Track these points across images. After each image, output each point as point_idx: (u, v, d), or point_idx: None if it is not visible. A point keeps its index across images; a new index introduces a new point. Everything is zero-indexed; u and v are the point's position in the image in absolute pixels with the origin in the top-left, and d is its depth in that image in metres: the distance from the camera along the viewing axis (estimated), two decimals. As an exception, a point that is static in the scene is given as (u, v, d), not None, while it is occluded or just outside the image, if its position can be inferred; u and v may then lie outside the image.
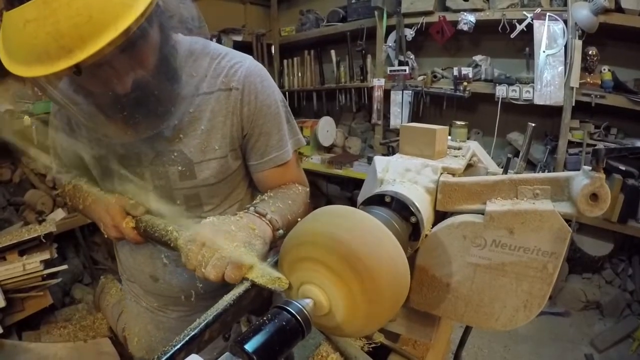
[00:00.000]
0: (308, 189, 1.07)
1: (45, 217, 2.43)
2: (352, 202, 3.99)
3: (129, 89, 0.75)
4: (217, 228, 0.73)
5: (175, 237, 0.79)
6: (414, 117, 3.08)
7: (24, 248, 2.19)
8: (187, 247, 0.73)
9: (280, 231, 0.84)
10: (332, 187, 4.10)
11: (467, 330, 1.08)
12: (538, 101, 2.58)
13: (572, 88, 2.48)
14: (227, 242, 0.69)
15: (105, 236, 0.97)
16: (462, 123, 1.04)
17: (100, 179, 1.03)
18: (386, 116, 3.29)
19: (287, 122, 1.02)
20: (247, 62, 0.95)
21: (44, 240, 2.21)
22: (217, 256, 0.68)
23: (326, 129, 3.47)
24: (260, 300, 0.64)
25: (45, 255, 2.17)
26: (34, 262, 2.10)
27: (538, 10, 2.52)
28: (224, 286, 0.67)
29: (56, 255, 2.33)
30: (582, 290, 2.77)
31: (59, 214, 2.66)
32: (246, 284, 0.62)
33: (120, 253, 1.19)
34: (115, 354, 2.14)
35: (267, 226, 0.81)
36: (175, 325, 1.14)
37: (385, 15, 3.03)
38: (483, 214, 0.69)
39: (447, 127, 0.85)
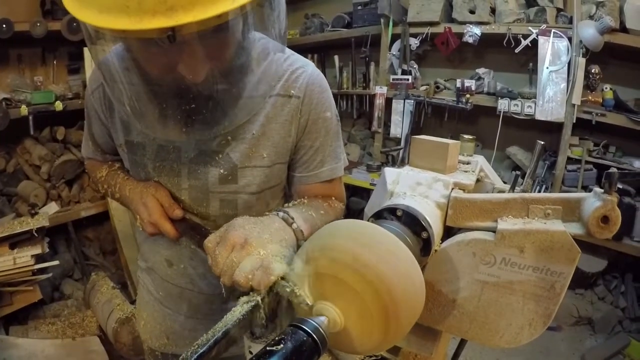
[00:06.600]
0: (344, 207, 1.01)
1: (38, 210, 2.40)
2: (349, 209, 3.99)
3: (201, 78, 0.66)
4: (249, 232, 0.67)
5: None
6: (415, 126, 3.08)
7: (15, 241, 2.15)
8: (215, 250, 0.67)
9: (302, 242, 0.77)
10: (329, 192, 4.09)
11: (462, 343, 1.08)
12: (539, 116, 2.59)
13: (574, 105, 2.50)
14: (258, 249, 0.64)
15: (141, 229, 0.90)
16: (470, 137, 1.03)
17: (131, 168, 0.95)
18: (387, 124, 3.29)
19: (338, 139, 0.96)
20: (310, 69, 0.89)
21: (36, 235, 2.18)
22: (247, 261, 0.62)
23: (326, 133, 3.45)
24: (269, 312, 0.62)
25: (37, 250, 2.14)
26: (24, 256, 2.07)
27: (543, 26, 2.55)
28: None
29: (47, 250, 2.30)
30: (574, 305, 2.78)
31: (52, 207, 2.63)
32: (256, 299, 0.58)
33: (140, 239, 1.10)
34: (103, 353, 2.11)
35: (293, 236, 0.75)
36: (184, 321, 1.07)
37: (391, 24, 3.04)
38: (493, 231, 0.68)
39: (459, 142, 0.84)
